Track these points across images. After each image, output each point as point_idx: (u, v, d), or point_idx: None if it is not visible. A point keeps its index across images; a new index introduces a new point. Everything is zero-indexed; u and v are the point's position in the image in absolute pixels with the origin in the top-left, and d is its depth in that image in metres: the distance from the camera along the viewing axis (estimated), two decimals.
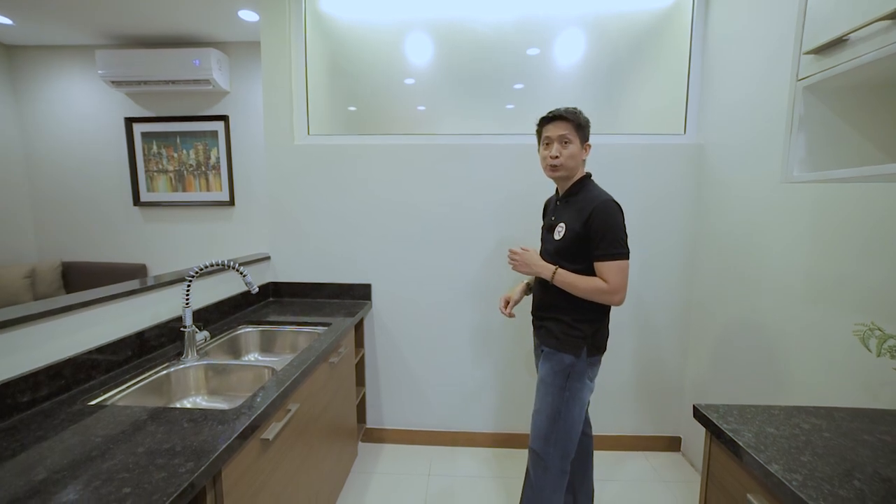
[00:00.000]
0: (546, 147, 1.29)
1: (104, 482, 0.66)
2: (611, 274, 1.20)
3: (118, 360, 1.13)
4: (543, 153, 1.30)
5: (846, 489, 0.65)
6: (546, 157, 1.28)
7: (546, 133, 1.28)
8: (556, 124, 1.26)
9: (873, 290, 1.06)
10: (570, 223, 1.25)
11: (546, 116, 1.29)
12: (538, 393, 1.33)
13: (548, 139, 1.27)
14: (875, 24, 0.69)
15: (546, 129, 1.28)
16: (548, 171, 1.30)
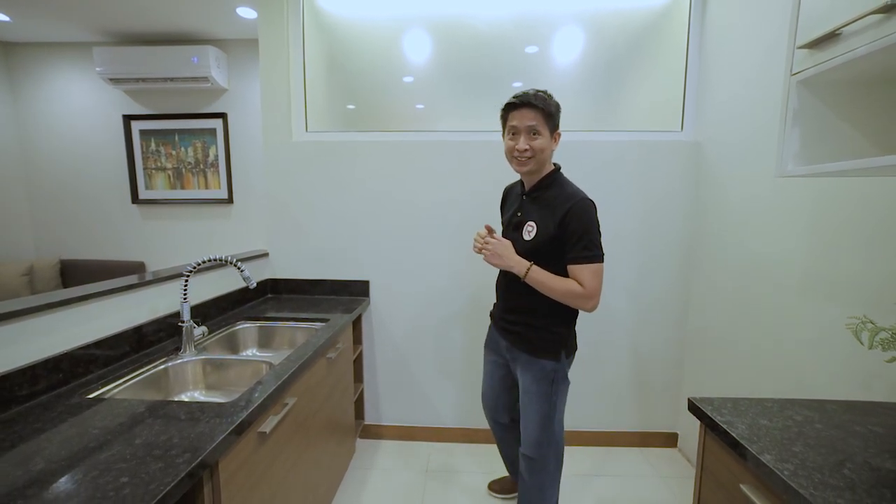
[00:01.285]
0: (512, 137, 1.15)
1: (102, 472, 0.67)
2: (587, 278, 1.11)
3: (116, 354, 1.14)
4: (509, 143, 1.16)
5: (836, 478, 0.66)
6: (512, 150, 1.15)
7: (512, 122, 1.14)
8: (523, 112, 1.12)
9: (866, 285, 1.07)
10: (543, 223, 1.16)
11: (512, 102, 1.14)
12: (523, 404, 1.27)
13: (514, 129, 1.14)
14: (867, 17, 0.70)
15: (512, 116, 1.14)
16: (514, 164, 1.18)
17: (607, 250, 1.91)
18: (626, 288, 1.96)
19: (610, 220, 1.93)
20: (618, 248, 1.94)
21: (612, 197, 1.92)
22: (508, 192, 1.39)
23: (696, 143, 1.89)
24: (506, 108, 1.17)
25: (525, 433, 1.28)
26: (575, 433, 2.05)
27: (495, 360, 1.41)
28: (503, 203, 1.40)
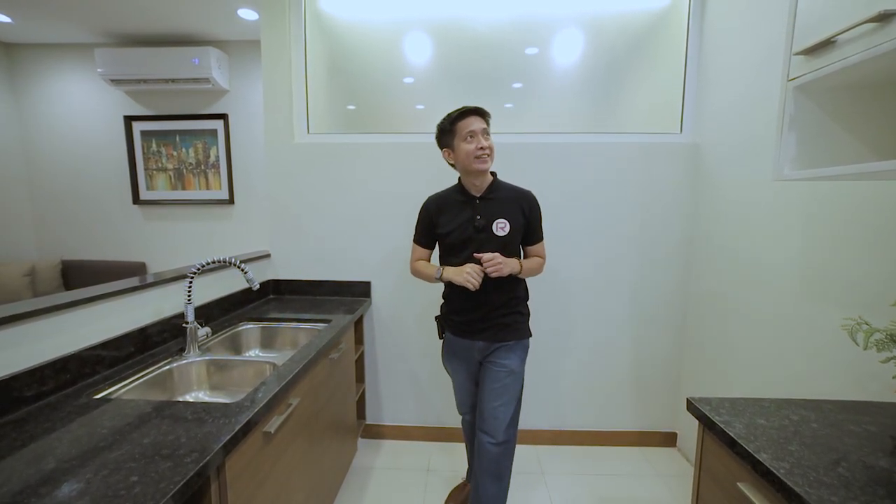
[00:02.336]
0: (469, 140, 1.27)
1: (112, 471, 0.68)
2: (543, 249, 1.44)
3: (121, 355, 1.15)
4: (467, 147, 1.27)
5: (830, 476, 0.68)
6: (474, 150, 1.27)
7: (470, 127, 1.27)
8: (473, 119, 1.28)
9: (863, 287, 1.09)
10: (512, 217, 1.33)
11: (465, 111, 1.29)
12: (504, 387, 1.33)
13: (472, 132, 1.27)
14: (861, 26, 0.71)
15: (466, 122, 1.28)
16: (477, 163, 1.28)
17: (606, 250, 1.96)
18: (626, 289, 1.98)
19: (609, 220, 1.95)
20: (617, 248, 1.96)
21: (612, 198, 1.94)
22: (440, 203, 1.40)
23: (695, 145, 1.90)
24: (456, 119, 1.30)
25: (500, 418, 1.33)
26: (575, 433, 2.06)
27: (466, 368, 1.45)
28: (437, 215, 1.39)
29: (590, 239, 1.96)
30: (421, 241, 1.47)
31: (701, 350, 1.86)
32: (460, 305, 1.38)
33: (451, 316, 1.42)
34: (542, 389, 2.05)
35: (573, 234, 1.96)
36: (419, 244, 1.48)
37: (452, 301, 1.42)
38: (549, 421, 2.07)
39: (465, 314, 1.38)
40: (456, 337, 1.42)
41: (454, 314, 1.41)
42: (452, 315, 1.42)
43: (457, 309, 1.40)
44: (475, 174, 1.32)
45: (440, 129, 1.35)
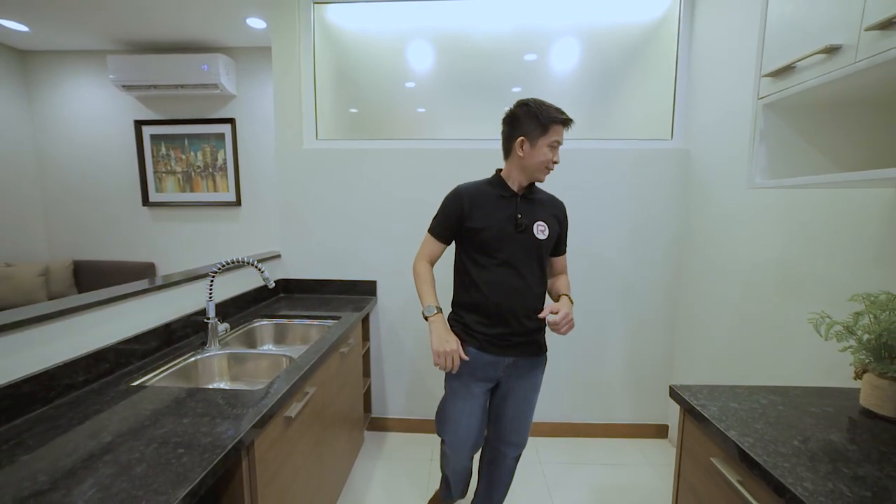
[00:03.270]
0: (552, 150, 1.17)
1: (161, 444, 0.78)
2: (566, 263, 1.42)
3: (150, 347, 1.24)
4: (548, 153, 1.16)
5: (787, 448, 0.78)
6: (550, 161, 1.18)
7: (557, 136, 1.16)
8: (562, 130, 1.18)
9: (827, 283, 1.19)
10: (550, 222, 1.24)
11: (567, 119, 1.17)
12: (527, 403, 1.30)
13: (557, 143, 1.17)
14: (814, 56, 0.81)
15: (558, 131, 1.16)
16: (544, 173, 1.21)
17: (601, 251, 2.06)
18: (620, 288, 2.08)
19: (605, 222, 2.05)
20: (611, 249, 2.06)
21: (607, 201, 2.04)
22: (474, 196, 1.23)
23: (685, 151, 2.00)
24: (558, 122, 1.16)
25: (521, 432, 1.31)
26: (572, 425, 2.16)
27: (483, 391, 1.26)
28: (471, 208, 1.22)
29: (587, 240, 2.06)
30: (439, 232, 1.27)
31: (691, 345, 1.96)
32: (490, 309, 1.20)
33: (478, 329, 1.21)
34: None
35: (571, 236, 2.05)
36: (436, 236, 1.28)
37: (481, 310, 1.21)
38: (548, 414, 2.17)
39: (498, 326, 1.20)
40: (481, 353, 1.21)
41: (483, 326, 1.21)
42: (480, 326, 1.21)
43: (486, 316, 1.21)
44: (530, 178, 1.22)
45: (531, 115, 1.15)
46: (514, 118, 1.20)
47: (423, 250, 1.32)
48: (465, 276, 1.27)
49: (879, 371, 0.88)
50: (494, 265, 1.20)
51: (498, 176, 1.27)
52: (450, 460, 1.38)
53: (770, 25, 0.98)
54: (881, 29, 0.68)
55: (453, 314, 1.31)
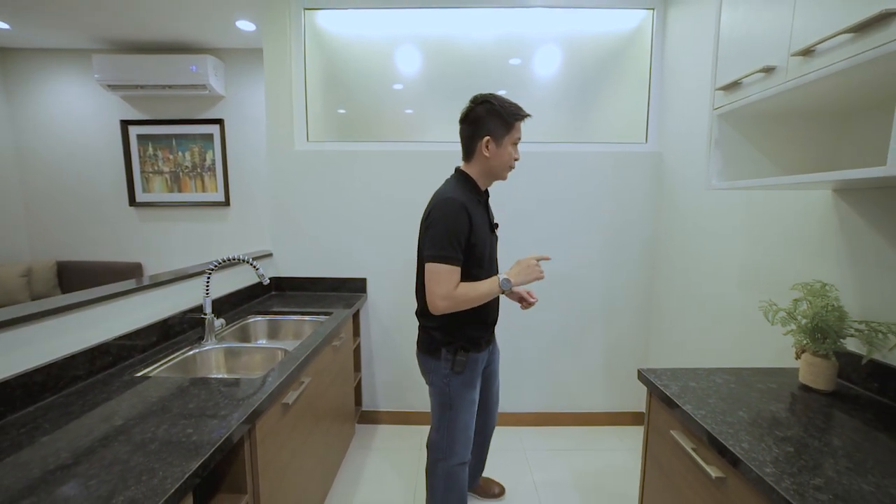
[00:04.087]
0: (515, 147, 1.17)
1: (171, 425, 0.84)
2: None
3: (150, 342, 1.29)
4: (511, 152, 1.17)
5: (733, 417, 0.89)
6: (512, 161, 1.18)
7: (519, 134, 1.15)
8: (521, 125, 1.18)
9: (777, 274, 1.32)
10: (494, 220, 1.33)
11: (525, 114, 1.16)
12: (498, 386, 1.49)
13: (519, 140, 1.16)
14: (755, 74, 0.93)
15: (519, 128, 1.16)
16: (507, 171, 1.20)
17: (582, 250, 2.17)
18: (598, 284, 2.20)
19: (583, 222, 2.17)
20: (590, 247, 2.18)
21: (586, 202, 2.15)
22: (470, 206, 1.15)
23: (658, 154, 2.13)
24: (520, 118, 1.15)
25: (496, 408, 1.53)
26: (554, 414, 2.27)
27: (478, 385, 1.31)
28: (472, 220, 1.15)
29: (567, 239, 2.17)
30: (456, 257, 1.12)
31: (664, 336, 2.09)
32: (492, 316, 1.28)
33: (478, 334, 1.24)
34: (525, 377, 2.25)
35: (552, 234, 2.17)
36: (455, 263, 1.11)
37: (481, 316, 1.23)
38: (532, 404, 2.27)
39: (489, 327, 1.28)
40: (479, 354, 1.25)
41: (482, 330, 1.25)
42: (479, 332, 1.24)
43: (486, 321, 1.27)
44: (495, 178, 1.23)
45: (495, 114, 1.13)
46: (477, 117, 1.15)
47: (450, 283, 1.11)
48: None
49: (814, 350, 1.01)
50: (484, 275, 1.20)
51: (471, 181, 1.22)
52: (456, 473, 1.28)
53: (721, 44, 1.09)
54: (803, 55, 0.80)
55: (445, 333, 1.22)
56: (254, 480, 0.97)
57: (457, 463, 1.27)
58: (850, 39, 0.71)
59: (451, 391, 1.23)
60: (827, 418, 0.89)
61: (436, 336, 1.23)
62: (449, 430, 1.26)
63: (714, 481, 0.83)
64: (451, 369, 1.21)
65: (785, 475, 0.70)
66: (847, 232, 1.09)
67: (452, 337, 1.22)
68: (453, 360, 1.20)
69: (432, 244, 1.13)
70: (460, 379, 1.23)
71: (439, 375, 1.24)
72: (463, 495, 1.32)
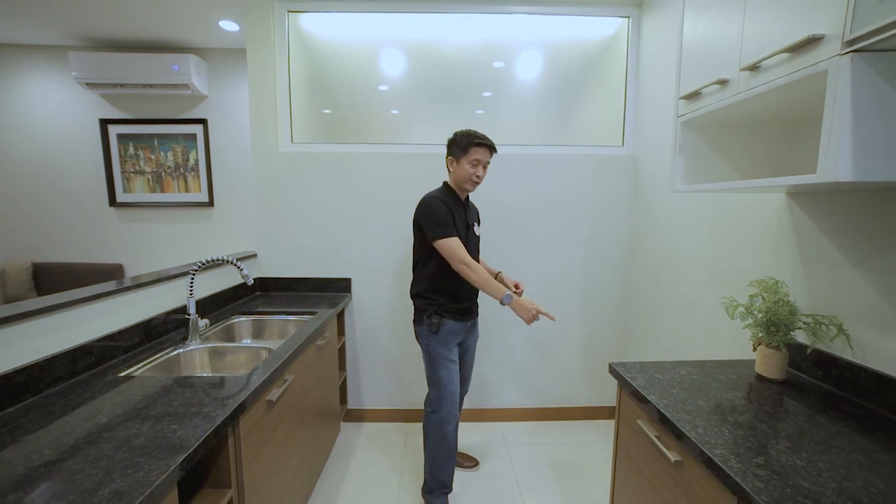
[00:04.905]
0: (474, 166, 1.54)
1: (156, 422, 0.86)
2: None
3: (133, 342, 1.30)
4: (470, 170, 1.54)
5: (692, 405, 0.96)
6: (473, 175, 1.54)
7: (477, 156, 1.53)
8: (486, 151, 1.54)
9: (739, 271, 1.40)
10: (478, 222, 1.73)
11: (483, 142, 1.52)
12: (472, 355, 1.79)
13: (478, 160, 1.53)
14: (711, 85, 1.00)
15: (479, 152, 1.53)
16: (469, 185, 1.57)
17: (561, 249, 2.24)
18: (577, 281, 2.27)
19: (563, 222, 2.24)
20: (570, 246, 2.25)
21: (566, 202, 2.22)
22: (451, 206, 1.55)
23: (634, 157, 2.21)
24: (475, 144, 1.52)
25: (471, 377, 1.82)
26: (534, 410, 2.34)
27: (456, 349, 1.63)
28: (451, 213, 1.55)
29: (548, 239, 2.23)
30: (455, 230, 1.51)
31: (639, 332, 2.17)
32: (462, 294, 1.59)
33: (451, 305, 1.57)
34: (508, 375, 2.31)
35: (533, 234, 2.23)
36: (456, 234, 1.51)
37: (452, 291, 1.57)
38: (513, 401, 2.33)
39: (465, 301, 1.61)
40: (456, 322, 1.58)
41: (454, 302, 1.58)
42: (452, 303, 1.58)
43: (458, 297, 1.58)
44: (462, 190, 1.61)
45: (456, 141, 1.55)
46: (448, 143, 1.60)
47: (460, 251, 1.49)
48: (440, 270, 1.56)
49: (768, 342, 1.08)
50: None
51: (450, 187, 1.62)
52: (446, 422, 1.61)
53: (684, 55, 1.16)
54: (750, 70, 0.86)
55: (425, 299, 1.60)
56: (238, 475, 0.99)
57: (445, 413, 1.60)
58: (787, 59, 0.78)
59: (431, 348, 1.59)
60: (776, 405, 0.97)
61: (419, 305, 1.62)
62: (436, 385, 1.60)
63: (673, 465, 0.89)
64: (429, 329, 1.57)
65: (732, 456, 0.76)
66: (798, 232, 1.18)
67: (429, 305, 1.59)
68: (430, 322, 1.57)
69: (433, 227, 1.50)
70: (437, 339, 1.58)
71: (423, 337, 1.61)
72: (452, 444, 1.64)
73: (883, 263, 0.96)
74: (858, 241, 1.01)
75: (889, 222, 0.94)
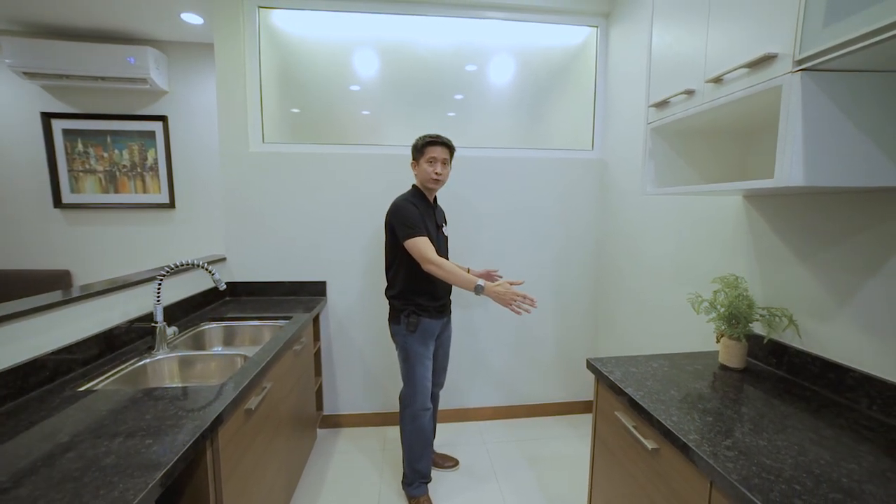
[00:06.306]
0: (431, 164, 1.58)
1: (126, 437, 0.81)
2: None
3: (93, 354, 1.21)
4: (429, 169, 1.58)
5: (666, 396, 1.01)
6: (432, 173, 1.58)
7: (433, 154, 1.57)
8: (441, 148, 1.58)
9: (702, 270, 1.50)
10: (445, 223, 1.77)
11: (432, 140, 1.57)
12: (447, 350, 1.80)
13: (433, 158, 1.58)
14: (679, 95, 1.07)
15: (433, 150, 1.57)
16: (430, 182, 1.59)
17: (533, 250, 2.31)
18: (549, 281, 2.34)
19: (535, 223, 2.30)
20: (542, 246, 2.31)
21: (537, 204, 2.28)
22: (421, 208, 1.59)
23: (602, 161, 2.31)
24: (427, 144, 1.58)
25: (445, 372, 1.83)
26: (511, 407, 2.39)
27: (432, 346, 1.66)
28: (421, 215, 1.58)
29: (520, 240, 2.29)
30: (425, 230, 1.54)
31: (609, 329, 2.27)
32: (439, 292, 1.63)
33: (428, 304, 1.60)
34: (483, 373, 2.34)
35: (505, 235, 2.28)
36: (425, 234, 1.53)
37: (429, 289, 1.60)
38: (490, 399, 2.37)
39: (441, 299, 1.65)
40: (432, 320, 1.62)
41: (431, 301, 1.61)
42: (429, 302, 1.61)
43: (434, 296, 1.62)
44: (428, 190, 1.65)
45: (414, 146, 1.63)
46: (411, 149, 1.65)
47: (429, 251, 1.51)
48: (414, 271, 1.57)
49: (729, 334, 1.17)
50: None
51: (419, 190, 1.65)
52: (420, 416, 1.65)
53: (653, 65, 1.23)
54: (714, 83, 0.94)
55: (402, 300, 1.62)
56: (217, 490, 0.95)
57: (419, 408, 1.64)
58: (747, 73, 0.85)
59: (408, 347, 1.61)
60: (738, 391, 1.05)
61: (396, 305, 1.63)
62: (411, 382, 1.63)
63: (650, 452, 0.95)
64: (407, 329, 1.59)
65: (704, 440, 0.82)
66: (754, 231, 1.28)
67: (407, 305, 1.61)
68: (407, 321, 1.59)
69: (403, 226, 1.53)
70: (414, 337, 1.60)
71: (400, 336, 1.62)
72: (427, 436, 1.69)
73: (825, 259, 1.06)
74: (804, 239, 1.12)
75: (830, 222, 1.05)
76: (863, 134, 0.78)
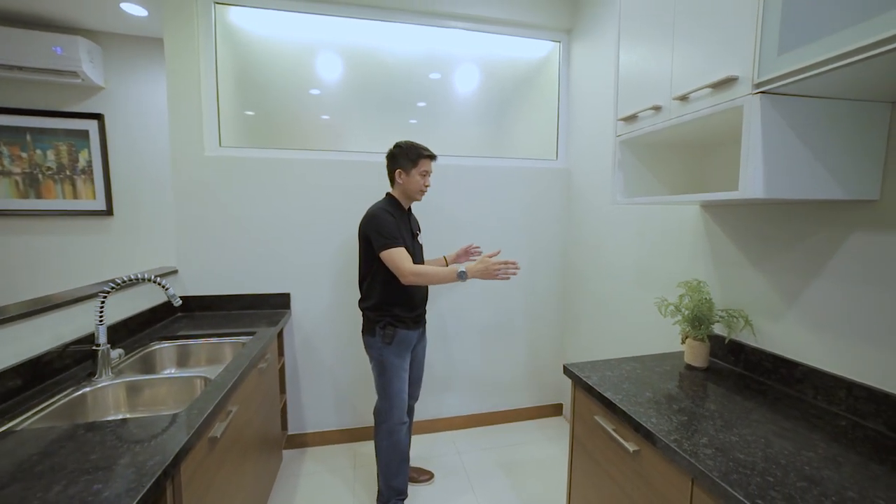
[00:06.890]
0: (423, 177, 1.59)
1: (68, 484, 0.70)
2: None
3: (16, 386, 1.05)
4: (420, 181, 1.59)
5: (642, 398, 1.05)
6: (422, 185, 1.59)
7: (426, 167, 1.59)
8: (432, 163, 1.61)
9: (666, 275, 1.59)
10: (419, 230, 1.75)
11: (431, 155, 1.60)
12: (421, 361, 1.75)
13: (427, 171, 1.60)
14: (647, 110, 1.13)
15: (427, 163, 1.59)
16: (418, 195, 1.61)
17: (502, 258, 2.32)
18: (518, 288, 2.38)
19: (503, 231, 2.33)
20: (509, 254, 2.34)
21: (504, 213, 2.32)
22: (397, 218, 1.56)
23: (567, 170, 2.40)
24: (424, 157, 1.58)
25: (420, 384, 1.79)
26: (483, 415, 2.39)
27: (407, 358, 1.62)
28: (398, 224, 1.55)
29: (486, 247, 2.30)
30: (401, 240, 1.51)
31: (577, 334, 2.34)
32: (416, 301, 1.60)
33: (404, 314, 1.57)
34: (453, 383, 2.32)
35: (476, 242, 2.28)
36: (402, 244, 1.50)
37: (405, 300, 1.57)
38: (462, 408, 2.35)
39: (418, 308, 1.62)
40: (409, 331, 1.58)
41: (408, 311, 1.57)
42: (406, 313, 1.57)
43: (411, 306, 1.58)
44: (412, 200, 1.64)
45: (403, 153, 1.56)
46: (393, 156, 1.60)
47: (407, 262, 1.47)
48: (392, 281, 1.53)
49: (694, 335, 1.24)
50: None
51: (394, 199, 1.62)
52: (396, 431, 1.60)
53: (621, 81, 1.30)
54: (680, 100, 1.00)
55: (377, 311, 1.57)
56: None
57: (396, 423, 1.59)
58: (711, 93, 0.92)
59: (384, 359, 1.56)
60: (704, 389, 1.11)
61: (371, 316, 1.58)
62: (387, 395, 1.58)
63: (631, 454, 0.98)
64: (383, 341, 1.55)
65: (684, 440, 0.86)
66: (711, 238, 1.38)
67: (383, 316, 1.56)
68: (384, 333, 1.55)
69: (379, 237, 1.49)
70: (391, 349, 1.56)
71: (376, 348, 1.57)
72: (404, 451, 1.64)
73: (774, 264, 1.17)
74: (756, 245, 1.22)
75: (779, 229, 1.15)
76: (811, 153, 0.87)
